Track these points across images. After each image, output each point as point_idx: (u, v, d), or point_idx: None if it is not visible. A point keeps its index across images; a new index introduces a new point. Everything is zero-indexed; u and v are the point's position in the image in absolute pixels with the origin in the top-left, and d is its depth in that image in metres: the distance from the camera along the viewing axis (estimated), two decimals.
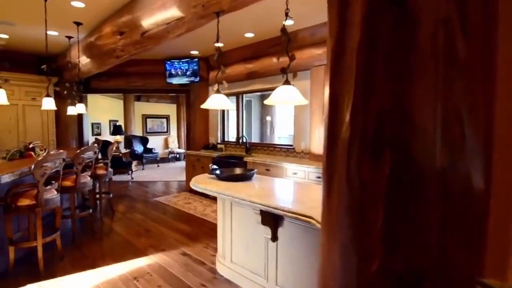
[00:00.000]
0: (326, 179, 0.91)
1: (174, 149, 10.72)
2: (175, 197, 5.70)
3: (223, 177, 2.69)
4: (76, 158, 3.40)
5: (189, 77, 6.04)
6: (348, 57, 0.84)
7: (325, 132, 0.92)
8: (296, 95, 2.08)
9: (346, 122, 0.86)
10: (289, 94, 2.07)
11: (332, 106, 0.92)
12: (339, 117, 0.89)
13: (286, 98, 2.08)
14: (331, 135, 0.94)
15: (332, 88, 0.91)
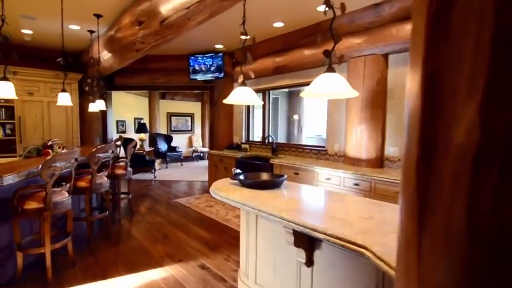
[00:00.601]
0: (414, 208, 0.50)
1: (198, 147, 10.56)
2: (196, 198, 5.42)
3: (248, 184, 2.30)
4: (91, 157, 3.18)
5: (213, 73, 5.73)
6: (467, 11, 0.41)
7: (408, 134, 0.51)
8: (343, 84, 1.63)
9: (469, 120, 0.42)
10: (334, 83, 1.63)
11: (430, 94, 0.48)
12: (446, 111, 0.46)
13: (330, 89, 1.64)
14: (427, 139, 0.51)
15: (431, 63, 0.48)
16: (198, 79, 5.92)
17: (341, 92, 1.67)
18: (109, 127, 6.58)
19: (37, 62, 5.37)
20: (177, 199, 5.37)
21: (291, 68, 4.67)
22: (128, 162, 4.17)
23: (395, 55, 3.54)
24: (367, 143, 3.59)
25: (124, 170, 4.12)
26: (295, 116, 7.55)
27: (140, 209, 4.74)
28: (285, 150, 4.90)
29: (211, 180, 5.77)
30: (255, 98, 2.31)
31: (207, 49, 5.65)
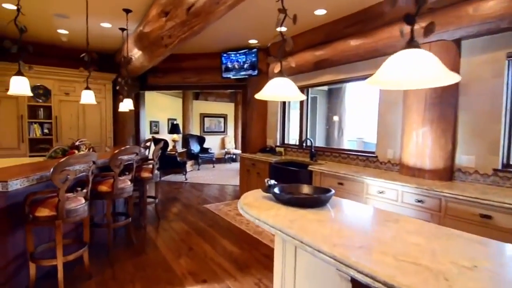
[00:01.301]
0: None
1: (231, 149, 10.28)
2: (227, 205, 5.05)
3: (285, 200, 1.83)
4: (113, 159, 2.92)
5: (247, 70, 5.35)
6: None
7: None
8: (434, 66, 1.09)
9: None
10: (421, 65, 1.10)
11: None
12: None
13: (414, 74, 1.11)
14: None
15: None
16: (230, 78, 5.58)
17: (432, 78, 1.13)
18: (142, 127, 6.50)
19: (73, 63, 5.39)
20: (206, 205, 5.04)
21: (333, 62, 4.11)
22: (155, 164, 3.91)
23: (470, 41, 2.84)
24: (432, 149, 2.93)
25: (150, 173, 3.86)
26: (335, 117, 6.91)
27: (167, 214, 4.48)
28: (326, 156, 4.33)
29: (242, 186, 5.37)
30: (295, 92, 1.83)
31: (240, 45, 5.28)
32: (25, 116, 4.93)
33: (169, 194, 5.84)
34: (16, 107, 4.87)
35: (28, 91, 2.33)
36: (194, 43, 5.26)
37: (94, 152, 2.45)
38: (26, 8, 3.78)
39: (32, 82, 5.06)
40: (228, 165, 9.84)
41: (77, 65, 5.38)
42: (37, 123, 5.12)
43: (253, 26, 4.42)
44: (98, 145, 5.55)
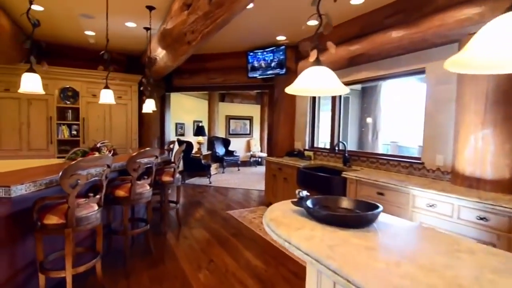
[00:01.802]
0: None
1: (256, 152, 10.02)
2: (251, 212, 4.76)
3: (322, 217, 1.49)
4: (131, 163, 2.74)
5: (274, 69, 5.05)
6: None
7: None
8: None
9: None
10: None
11: None
12: None
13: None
14: None
15: None
16: (257, 77, 5.31)
17: None
18: (167, 129, 6.42)
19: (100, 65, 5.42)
20: (230, 211, 4.78)
21: (371, 56, 3.69)
22: (176, 168, 3.72)
23: None
24: (495, 156, 2.44)
25: (171, 177, 3.67)
26: (369, 118, 6.38)
27: (189, 220, 4.27)
28: (361, 161, 3.90)
29: (268, 191, 5.06)
30: (336, 83, 1.50)
31: (267, 42, 5.00)
32: (54, 117, 5.00)
33: (192, 198, 5.67)
34: (46, 109, 4.95)
35: (39, 89, 2.20)
36: (219, 42, 5.07)
37: (109, 155, 2.28)
38: (52, 8, 3.78)
39: (61, 84, 5.15)
40: (254, 169, 9.57)
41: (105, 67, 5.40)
42: (65, 124, 5.18)
43: (281, 21, 4.12)
44: (123, 147, 5.51)
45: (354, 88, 6.28)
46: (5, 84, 4.66)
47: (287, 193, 4.46)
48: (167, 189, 3.69)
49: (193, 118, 8.43)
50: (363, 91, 6.14)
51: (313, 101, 4.99)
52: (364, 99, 6.17)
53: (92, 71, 5.22)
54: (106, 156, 2.25)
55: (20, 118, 4.79)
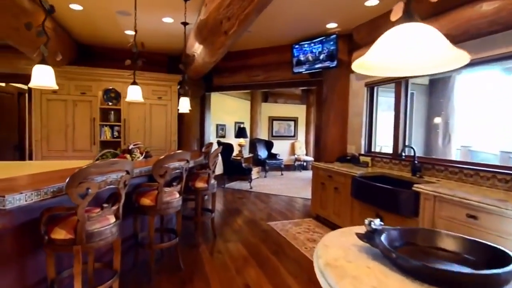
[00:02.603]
0: None
1: (301, 156, 9.37)
2: (295, 224, 4.19)
3: (414, 270, 0.90)
4: (156, 168, 2.39)
5: (323, 62, 4.43)
6: None
7: None
8: None
9: None
10: None
11: None
12: None
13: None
14: None
15: None
16: (303, 72, 4.74)
17: None
18: (207, 130, 6.16)
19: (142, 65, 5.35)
20: (272, 222, 4.27)
21: (451, 38, 2.88)
22: (211, 173, 3.33)
23: None
24: None
25: (205, 183, 3.29)
26: (437, 118, 5.36)
27: (225, 231, 3.86)
28: (436, 171, 3.09)
29: (315, 202, 4.44)
30: (445, 47, 0.90)
31: (315, 32, 4.40)
32: (97, 118, 5.01)
33: (231, 204, 5.29)
34: (90, 110, 4.98)
35: (52, 83, 1.95)
36: (261, 35, 4.62)
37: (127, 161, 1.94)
38: (89, 7, 3.68)
39: (104, 86, 5.15)
40: (298, 174, 8.94)
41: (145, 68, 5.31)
42: (108, 125, 5.17)
43: (332, 5, 3.51)
44: (163, 149, 5.35)
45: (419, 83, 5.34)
46: None
47: (338, 206, 3.80)
48: (202, 196, 3.31)
49: (235, 119, 8.13)
50: (432, 85, 5.17)
51: (370, 98, 4.25)
52: (432, 94, 5.19)
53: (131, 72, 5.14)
54: (123, 161, 1.91)
55: (66, 119, 4.87)
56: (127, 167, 1.97)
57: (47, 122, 4.78)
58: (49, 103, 4.78)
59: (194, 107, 5.84)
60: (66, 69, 4.76)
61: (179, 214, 2.75)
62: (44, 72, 1.93)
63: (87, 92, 4.95)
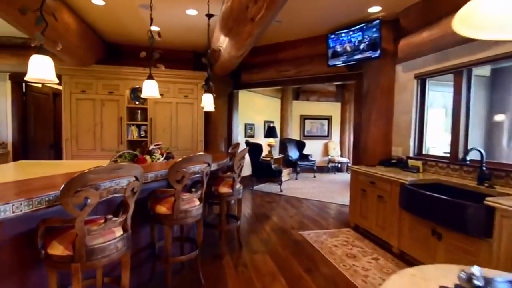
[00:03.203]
0: None
1: (335, 157, 8.77)
2: (331, 235, 3.73)
3: None
4: (172, 172, 2.10)
5: (363, 52, 3.92)
6: None
7: None
8: None
9: None
10: None
11: None
12: None
13: None
14: None
15: None
16: (339, 65, 4.25)
17: None
18: (235, 130, 5.88)
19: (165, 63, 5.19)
20: (304, 231, 3.85)
21: None
22: (237, 177, 3.00)
23: None
24: None
25: (230, 187, 2.97)
26: (499, 116, 4.56)
27: (252, 240, 3.52)
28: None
29: (353, 210, 3.94)
30: None
31: (355, 18, 3.90)
32: (124, 118, 4.94)
33: (259, 208, 4.94)
34: (117, 110, 4.91)
35: (52, 76, 1.70)
36: (292, 26, 4.22)
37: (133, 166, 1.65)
38: (111, 2, 3.53)
39: (131, 84, 5.06)
40: (332, 176, 8.36)
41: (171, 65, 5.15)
42: (135, 125, 5.08)
43: None
44: (189, 150, 5.16)
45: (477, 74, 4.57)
46: (82, 85, 4.77)
47: (383, 218, 3.29)
48: (226, 202, 3.00)
49: (264, 118, 7.78)
50: (495, 76, 4.40)
51: (421, 92, 3.66)
52: (494, 87, 4.41)
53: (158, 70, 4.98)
54: (129, 165, 1.63)
55: (95, 119, 4.85)
56: (135, 172, 1.69)
57: (76, 122, 4.78)
58: (78, 103, 4.78)
59: (221, 106, 5.59)
60: (94, 68, 4.72)
61: (200, 224, 2.45)
62: (42, 63, 1.69)
63: (114, 91, 4.89)
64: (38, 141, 5.62)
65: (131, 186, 1.69)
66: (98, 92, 4.83)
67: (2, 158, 4.95)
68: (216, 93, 5.42)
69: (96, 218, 1.71)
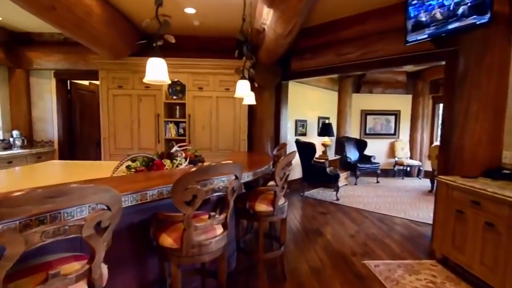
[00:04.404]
0: None
1: (404, 159, 7.39)
2: (409, 270, 2.74)
3: None
4: (178, 190, 1.42)
5: (462, 19, 2.79)
6: None
7: None
8: None
9: None
10: None
11: None
12: None
13: None
14: None
15: None
16: (423, 40, 3.16)
17: None
18: (283, 127, 5.10)
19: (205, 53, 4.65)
20: (369, 260, 2.92)
21: None
22: (279, 190, 2.23)
23: None
24: None
25: (269, 204, 2.22)
26: None
27: (299, 269, 2.72)
28: None
29: (442, 236, 2.86)
30: None
31: None
32: (161, 114, 4.54)
33: (310, 222, 4.10)
34: (154, 105, 4.54)
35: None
36: None
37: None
38: None
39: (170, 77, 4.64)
40: (399, 182, 7.03)
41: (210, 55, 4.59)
42: (173, 122, 4.66)
43: None
44: (230, 150, 4.56)
45: None
46: (118, 80, 4.49)
47: (493, 255, 2.20)
48: (264, 223, 2.26)
49: (318, 114, 6.82)
50: None
51: None
52: None
53: (198, 60, 4.47)
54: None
55: (132, 115, 4.54)
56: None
57: (114, 119, 4.54)
58: (115, 99, 4.52)
59: (267, 99, 4.86)
60: (128, 61, 4.40)
61: (223, 260, 1.74)
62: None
63: (151, 85, 4.50)
64: (85, 139, 5.61)
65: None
66: (134, 87, 4.51)
67: (48, 155, 4.98)
68: (261, 85, 4.71)
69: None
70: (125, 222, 1.63)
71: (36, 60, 4.84)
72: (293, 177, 6.06)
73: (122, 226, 1.61)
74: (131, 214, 1.66)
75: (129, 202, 1.40)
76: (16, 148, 4.72)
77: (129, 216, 1.64)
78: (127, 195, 1.39)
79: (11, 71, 4.94)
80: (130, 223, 1.69)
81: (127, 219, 1.65)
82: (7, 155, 4.30)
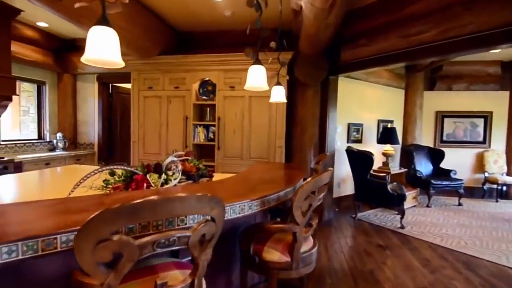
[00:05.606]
0: None
1: (497, 175, 5.71)
2: None
3: None
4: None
5: None
6: None
7: None
8: None
9: None
10: None
11: None
12: None
13: None
14: None
15: None
16: None
17: None
18: (331, 132, 4.20)
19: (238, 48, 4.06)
20: None
21: None
22: (299, 230, 1.45)
23: None
24: None
25: (285, 251, 1.45)
26: None
27: None
28: None
29: None
30: None
31: None
32: (190, 117, 4.10)
33: (361, 258, 3.13)
34: (183, 108, 4.12)
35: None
36: None
37: None
38: None
39: (199, 76, 4.13)
40: (492, 206, 5.40)
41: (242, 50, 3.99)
42: (202, 125, 4.18)
43: None
44: (264, 159, 3.87)
45: None
46: (149, 81, 4.21)
47: None
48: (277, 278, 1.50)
49: (378, 116, 5.67)
50: None
51: None
52: None
53: (229, 55, 3.90)
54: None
55: (160, 118, 4.21)
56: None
57: (143, 122, 4.26)
58: (145, 101, 4.24)
59: (311, 98, 4.06)
60: (158, 60, 4.06)
61: None
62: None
63: (180, 86, 4.11)
64: (124, 141, 5.55)
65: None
66: (164, 87, 4.16)
67: (88, 158, 4.99)
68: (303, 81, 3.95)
69: None
70: None
71: (80, 65, 4.90)
72: (344, 193, 5.06)
73: None
74: None
75: None
76: (59, 150, 4.81)
77: None
78: None
79: (59, 76, 5.11)
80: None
81: None
82: (46, 157, 4.34)
